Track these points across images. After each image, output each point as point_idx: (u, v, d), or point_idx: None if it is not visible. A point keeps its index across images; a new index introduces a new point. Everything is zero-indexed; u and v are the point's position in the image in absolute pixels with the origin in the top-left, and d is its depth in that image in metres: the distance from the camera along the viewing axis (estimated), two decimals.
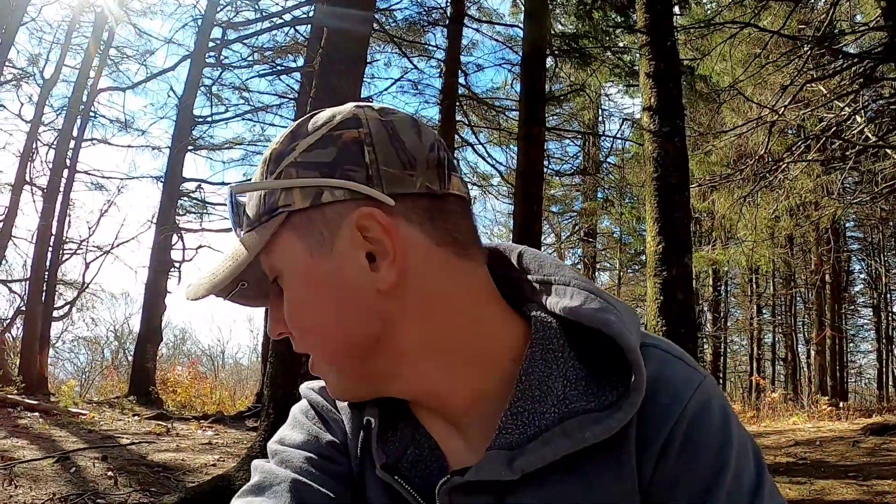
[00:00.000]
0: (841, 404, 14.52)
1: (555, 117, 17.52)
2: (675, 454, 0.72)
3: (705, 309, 23.70)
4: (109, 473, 6.10)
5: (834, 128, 10.28)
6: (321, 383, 0.94)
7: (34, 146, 16.29)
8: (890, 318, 23.58)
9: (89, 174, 18.51)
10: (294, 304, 0.76)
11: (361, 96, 6.76)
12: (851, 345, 25.54)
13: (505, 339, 0.79)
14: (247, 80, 18.08)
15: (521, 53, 10.22)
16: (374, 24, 10.32)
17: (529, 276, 0.84)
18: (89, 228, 19.41)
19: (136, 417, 11.25)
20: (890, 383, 22.53)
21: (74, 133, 16.56)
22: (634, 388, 0.71)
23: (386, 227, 0.73)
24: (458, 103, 12.39)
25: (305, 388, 0.97)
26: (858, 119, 10.01)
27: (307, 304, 0.76)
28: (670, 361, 0.77)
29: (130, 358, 18.32)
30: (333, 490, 0.83)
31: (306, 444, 0.87)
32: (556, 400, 0.74)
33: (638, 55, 8.32)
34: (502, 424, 0.75)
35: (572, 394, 0.74)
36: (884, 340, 23.38)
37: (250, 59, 17.72)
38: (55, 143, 16.37)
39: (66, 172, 16.38)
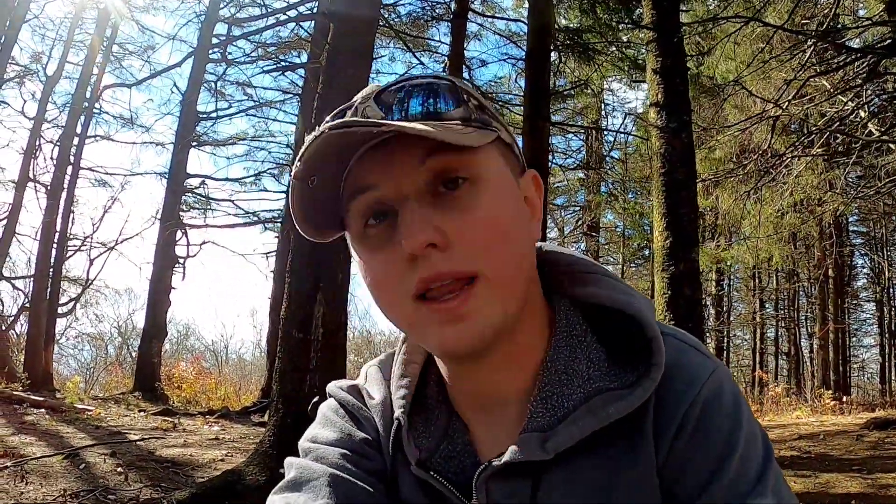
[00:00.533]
0: (844, 398, 14.54)
1: (558, 112, 17.51)
2: (686, 437, 0.75)
3: (708, 303, 23.70)
4: (119, 469, 6.13)
5: (837, 123, 10.28)
6: (350, 382, 0.98)
7: (38, 143, 16.30)
8: (893, 313, 23.53)
9: (93, 171, 18.55)
10: (492, 211, 0.74)
11: None
12: (854, 339, 25.54)
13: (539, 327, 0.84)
14: (251, 76, 18.07)
15: (524, 48, 10.22)
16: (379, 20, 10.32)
17: (553, 267, 0.89)
18: (93, 225, 19.57)
19: (142, 413, 11.28)
20: (893, 377, 22.51)
21: (78, 130, 16.53)
22: (654, 364, 0.76)
23: (539, 190, 0.86)
24: None
25: (334, 386, 0.98)
26: (862, 114, 10.01)
27: (503, 213, 0.75)
28: (685, 350, 0.81)
29: (134, 354, 18.38)
30: (371, 485, 0.85)
31: (340, 442, 0.89)
32: (581, 381, 0.79)
33: (643, 50, 8.34)
34: (532, 409, 0.79)
35: (596, 374, 0.79)
36: (886, 335, 23.33)
37: (254, 55, 17.72)
38: (59, 140, 16.34)
39: (69, 169, 16.36)
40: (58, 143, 16.31)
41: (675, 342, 0.81)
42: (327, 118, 0.77)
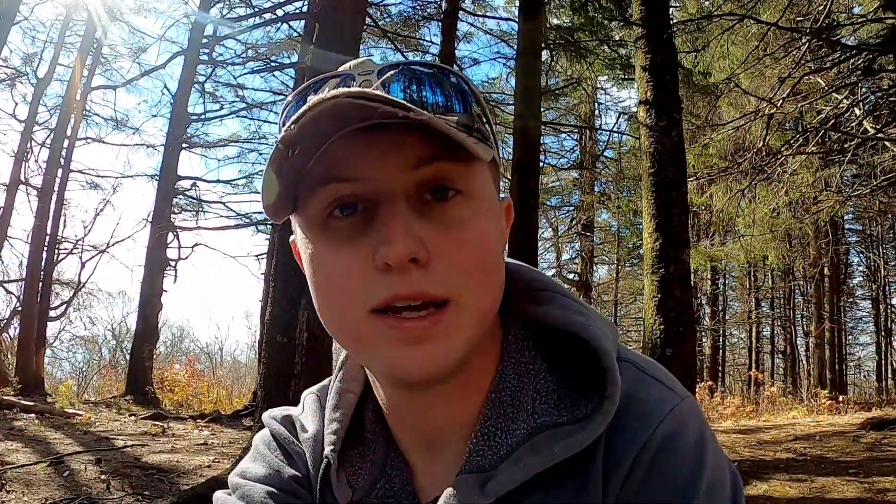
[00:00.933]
0: (840, 398, 14.52)
1: (551, 111, 17.47)
2: (637, 484, 0.65)
3: (704, 302, 23.72)
4: (102, 477, 6.06)
5: (832, 120, 10.25)
6: (284, 412, 0.90)
7: (28, 146, 16.32)
8: (889, 311, 23.61)
9: (84, 173, 18.53)
10: (482, 237, 0.66)
11: None
12: (850, 337, 25.64)
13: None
14: (241, 76, 18.02)
15: (516, 47, 10.16)
16: (368, 20, 10.26)
17: (509, 282, 0.77)
18: (84, 228, 19.44)
19: (132, 417, 11.22)
20: (889, 376, 22.56)
21: (69, 132, 16.53)
22: (608, 397, 0.66)
23: (510, 221, 0.79)
24: None
25: (268, 416, 0.91)
26: (857, 111, 9.97)
27: (491, 242, 0.68)
28: (645, 381, 0.71)
29: (128, 356, 18.29)
30: None
31: (268, 479, 0.83)
32: (526, 415, 0.70)
33: (634, 48, 8.27)
34: (472, 447, 0.70)
35: (542, 407, 0.70)
36: (882, 333, 23.41)
37: (244, 55, 17.66)
38: (49, 142, 16.32)
39: (60, 172, 16.39)
40: (49, 146, 16.30)
41: (634, 372, 0.71)
42: (320, 83, 0.69)
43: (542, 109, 9.88)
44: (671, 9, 8.15)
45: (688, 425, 0.67)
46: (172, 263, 16.64)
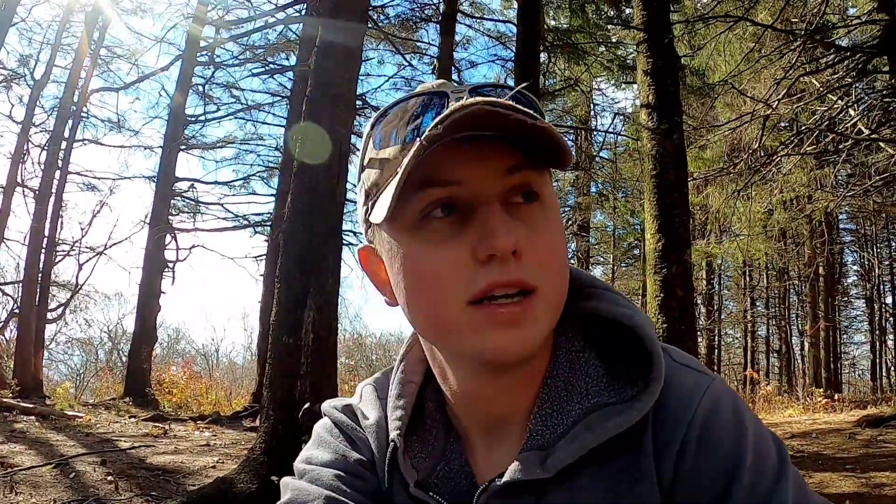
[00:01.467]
0: (836, 396, 14.59)
1: (548, 113, 17.50)
2: (691, 457, 0.73)
3: (699, 302, 23.75)
4: (109, 478, 6.08)
5: (827, 121, 10.31)
6: (345, 401, 0.97)
7: (25, 148, 16.21)
8: (883, 310, 23.67)
9: (81, 175, 18.41)
10: (557, 234, 0.76)
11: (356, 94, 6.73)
12: (845, 336, 25.64)
13: None
14: (239, 79, 18.02)
15: (514, 49, 10.21)
16: (368, 23, 10.31)
17: None
18: (82, 229, 19.36)
19: (132, 419, 11.22)
20: (884, 374, 22.63)
21: (66, 134, 16.42)
22: (653, 378, 0.75)
23: None
24: None
25: (329, 406, 0.97)
26: (851, 112, 10.03)
27: (562, 239, 0.77)
28: (678, 368, 0.79)
29: (124, 359, 18.28)
30: None
31: (334, 463, 0.89)
32: (580, 397, 0.78)
33: (631, 50, 8.34)
34: (532, 427, 0.78)
35: (593, 390, 0.78)
36: (877, 332, 23.47)
37: (242, 57, 17.67)
38: (47, 144, 16.26)
39: (57, 174, 16.28)
40: (46, 148, 16.22)
41: (669, 360, 0.79)
42: (413, 99, 0.76)
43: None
44: (671, 13, 8.19)
45: (723, 401, 0.76)
46: (170, 265, 16.62)
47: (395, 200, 0.72)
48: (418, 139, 0.69)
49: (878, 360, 23.24)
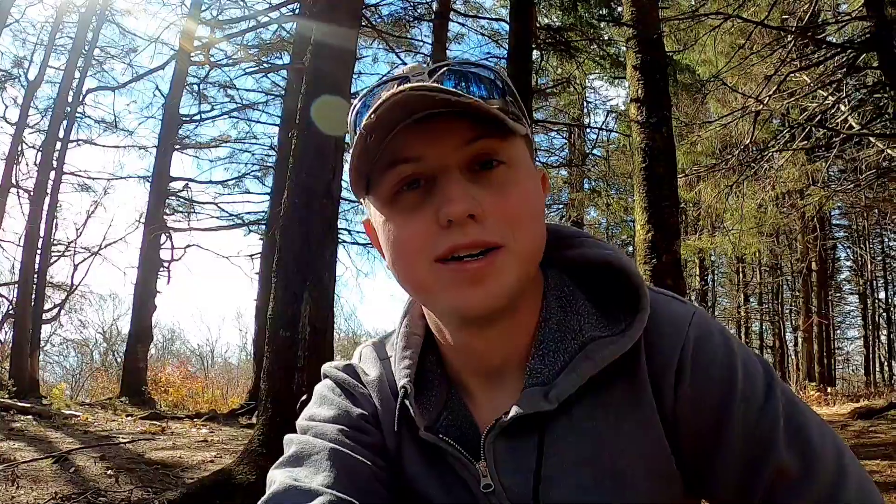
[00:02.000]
0: (829, 390, 14.66)
1: (541, 110, 17.57)
2: (688, 378, 0.81)
3: (693, 298, 23.79)
4: (109, 472, 6.11)
5: (818, 117, 10.36)
6: (343, 362, 1.03)
7: (20, 148, 16.19)
8: (876, 305, 23.76)
9: (76, 175, 18.40)
10: (523, 194, 0.81)
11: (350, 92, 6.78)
12: (838, 331, 25.73)
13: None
14: (233, 78, 18.02)
15: (506, 47, 10.25)
16: (361, 21, 10.34)
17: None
18: (77, 230, 19.30)
19: (129, 418, 11.22)
20: (876, 369, 22.70)
21: (60, 134, 16.38)
22: (641, 309, 0.83)
23: (546, 190, 0.91)
24: None
25: (329, 366, 1.03)
26: (842, 108, 10.08)
27: (531, 197, 0.82)
28: (664, 299, 0.88)
29: (120, 359, 18.26)
30: (370, 459, 0.89)
31: (338, 418, 0.93)
32: (574, 334, 0.85)
33: (624, 48, 8.38)
34: (531, 368, 0.85)
35: (586, 326, 0.85)
36: (870, 327, 23.56)
37: (236, 56, 17.66)
38: (41, 145, 16.23)
39: (52, 174, 16.23)
40: (40, 149, 16.20)
41: (654, 294, 0.88)
42: (386, 84, 0.84)
43: (532, 108, 9.98)
44: (660, 9, 8.25)
45: (710, 325, 0.85)
46: (165, 264, 16.60)
47: (353, 184, 0.83)
48: (358, 129, 0.79)
49: (871, 355, 23.31)
